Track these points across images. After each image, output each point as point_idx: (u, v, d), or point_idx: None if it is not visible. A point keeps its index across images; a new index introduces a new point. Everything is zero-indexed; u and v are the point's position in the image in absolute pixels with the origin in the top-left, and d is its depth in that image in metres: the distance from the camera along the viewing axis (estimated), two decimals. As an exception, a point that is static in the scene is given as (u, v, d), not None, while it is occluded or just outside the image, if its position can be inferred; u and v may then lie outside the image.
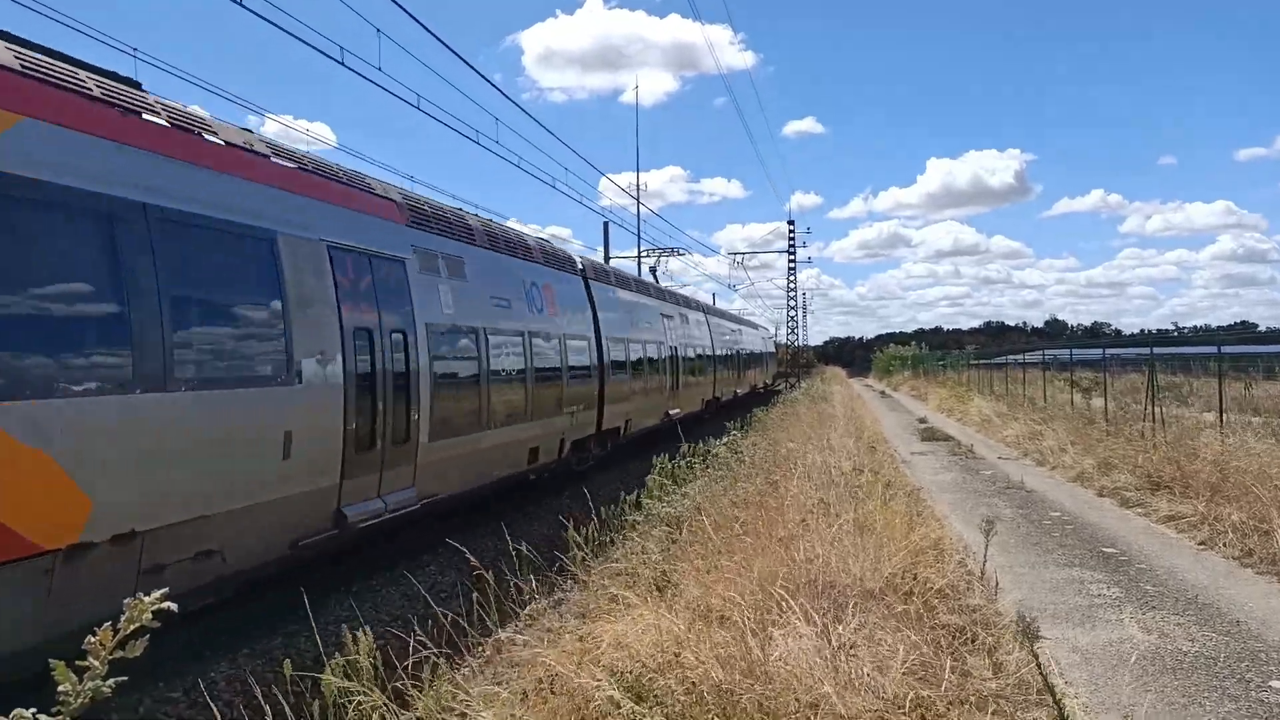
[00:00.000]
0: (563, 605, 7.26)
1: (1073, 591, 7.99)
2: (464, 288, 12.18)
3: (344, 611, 9.01)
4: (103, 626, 1.91)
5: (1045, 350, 34.75)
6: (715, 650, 4.92)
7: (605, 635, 5.41)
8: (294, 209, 8.70)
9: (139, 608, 1.92)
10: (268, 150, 8.85)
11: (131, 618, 1.91)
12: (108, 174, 6.52)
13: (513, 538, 8.04)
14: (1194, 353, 25.40)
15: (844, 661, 4.84)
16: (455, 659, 5.69)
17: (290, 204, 8.67)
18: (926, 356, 72.85)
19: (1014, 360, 35.93)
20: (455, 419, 11.53)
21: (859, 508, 8.93)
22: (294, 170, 9.06)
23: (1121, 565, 8.99)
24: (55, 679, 1.83)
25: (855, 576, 6.51)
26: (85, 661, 1.88)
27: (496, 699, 4.75)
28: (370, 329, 9.55)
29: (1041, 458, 17.57)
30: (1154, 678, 5.78)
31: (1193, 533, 10.21)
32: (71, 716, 1.81)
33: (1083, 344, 36.28)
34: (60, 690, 1.84)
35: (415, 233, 11.21)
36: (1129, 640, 6.55)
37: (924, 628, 5.76)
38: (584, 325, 17.97)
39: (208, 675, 7.42)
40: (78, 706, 1.82)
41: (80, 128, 6.41)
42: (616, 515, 9.78)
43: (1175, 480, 12.18)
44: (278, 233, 8.29)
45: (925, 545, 8.02)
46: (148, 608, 1.93)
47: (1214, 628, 6.84)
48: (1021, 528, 10.95)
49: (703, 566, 6.94)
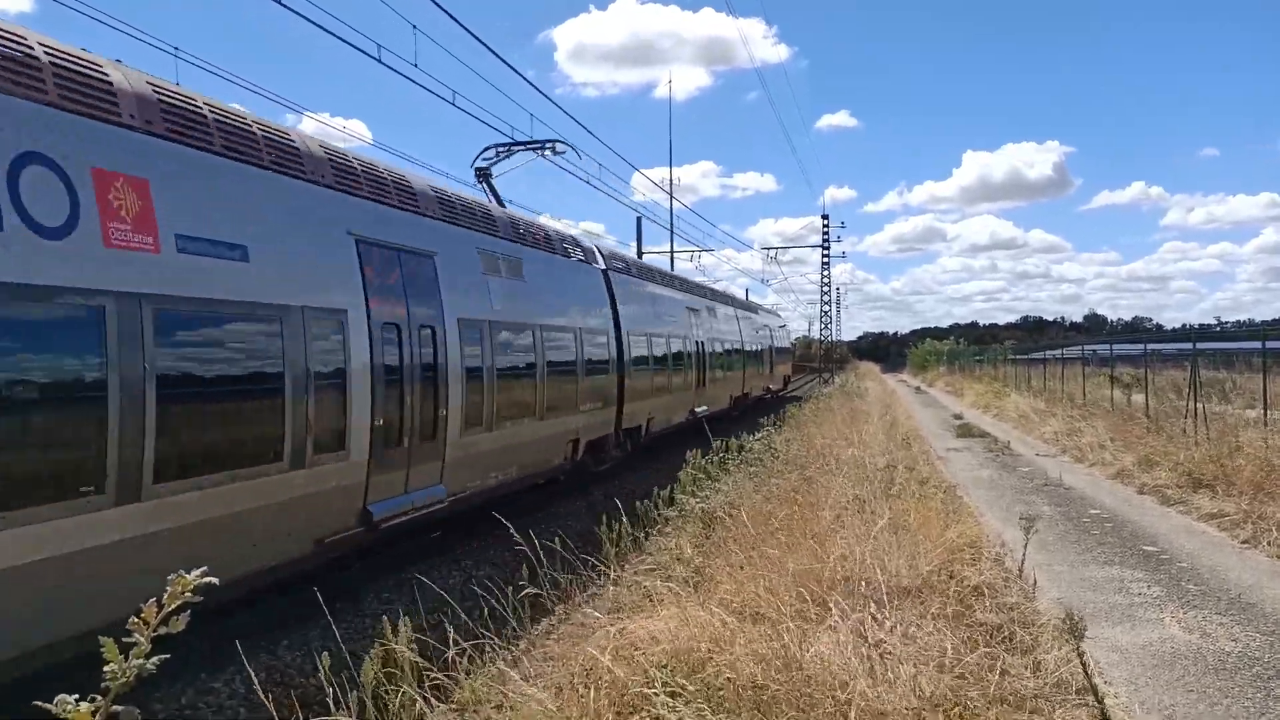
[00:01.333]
0: (596, 600, 7.29)
1: (1112, 590, 7.89)
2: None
3: (381, 605, 9.14)
4: (147, 602, 1.95)
5: (1084, 345, 34.23)
6: (751, 646, 4.92)
7: (640, 630, 5.43)
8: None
9: (182, 583, 1.94)
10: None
11: (174, 594, 1.94)
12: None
13: (544, 534, 8.09)
14: (1237, 348, 24.89)
15: (880, 659, 4.82)
16: (491, 653, 5.74)
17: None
18: (963, 352, 72.10)
19: (1052, 355, 35.44)
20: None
21: (894, 504, 8.89)
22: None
23: (1163, 564, 8.86)
24: (105, 656, 1.86)
25: (891, 574, 6.48)
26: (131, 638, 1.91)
27: (531, 695, 4.79)
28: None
29: (1080, 455, 17.34)
30: (1196, 678, 5.70)
31: (1236, 531, 10.04)
32: (116, 695, 1.84)
33: (1123, 339, 35.68)
34: (106, 669, 1.86)
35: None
36: (1170, 640, 6.46)
37: (961, 626, 5.73)
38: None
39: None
40: (123, 684, 1.84)
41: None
42: (648, 512, 9.80)
43: (1218, 478, 11.98)
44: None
45: (962, 543, 7.97)
46: (190, 584, 1.95)
47: (1258, 628, 6.73)
48: (1060, 525, 10.82)
49: (737, 562, 6.94)
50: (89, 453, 5.90)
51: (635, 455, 19.42)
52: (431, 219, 10.97)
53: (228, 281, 7.19)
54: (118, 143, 6.51)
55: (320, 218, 8.71)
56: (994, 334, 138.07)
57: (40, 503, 5.53)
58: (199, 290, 6.87)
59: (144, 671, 1.87)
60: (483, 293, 11.79)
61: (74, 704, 1.80)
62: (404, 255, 9.97)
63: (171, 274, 6.61)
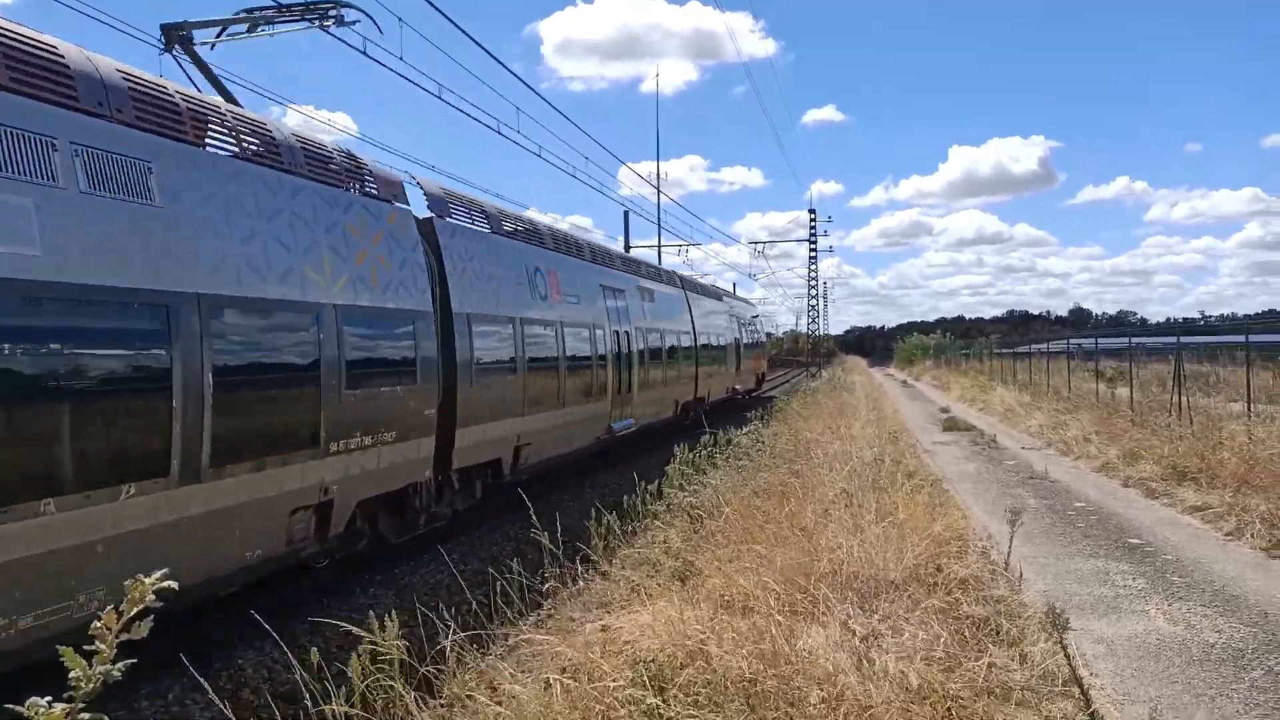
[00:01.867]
0: (584, 595, 7.28)
1: (1098, 582, 7.93)
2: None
3: (368, 599, 9.10)
4: (106, 610, 1.91)
5: (1070, 339, 34.40)
6: (738, 641, 4.92)
7: (627, 625, 5.43)
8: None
9: (139, 588, 1.90)
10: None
11: (134, 599, 1.90)
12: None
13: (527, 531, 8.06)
14: (1221, 341, 25.07)
15: (868, 652, 4.83)
16: (478, 648, 5.73)
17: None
18: (949, 346, 72.37)
19: (1038, 349, 35.62)
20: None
21: (881, 498, 8.91)
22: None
23: (1147, 556, 8.92)
24: (66, 664, 1.83)
25: (878, 567, 6.50)
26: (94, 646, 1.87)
27: (517, 691, 4.77)
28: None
29: (1066, 448, 17.43)
30: (1180, 669, 5.74)
31: (1219, 523, 10.11)
32: (83, 702, 1.81)
33: (1108, 333, 35.86)
34: (71, 676, 1.84)
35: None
36: (1155, 631, 6.50)
37: (948, 619, 5.74)
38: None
39: (235, 662, 7.52)
40: (89, 691, 1.82)
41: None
42: (637, 506, 9.79)
43: (1202, 470, 12.06)
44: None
45: (948, 536, 7.99)
46: (149, 588, 1.91)
47: (1241, 619, 6.78)
48: (1045, 518, 10.88)
49: (724, 556, 6.94)
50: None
51: (485, 508, 13.07)
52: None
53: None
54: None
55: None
56: (980, 328, 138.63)
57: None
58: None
59: (110, 678, 1.85)
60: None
61: (46, 706, 1.78)
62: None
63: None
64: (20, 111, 5.92)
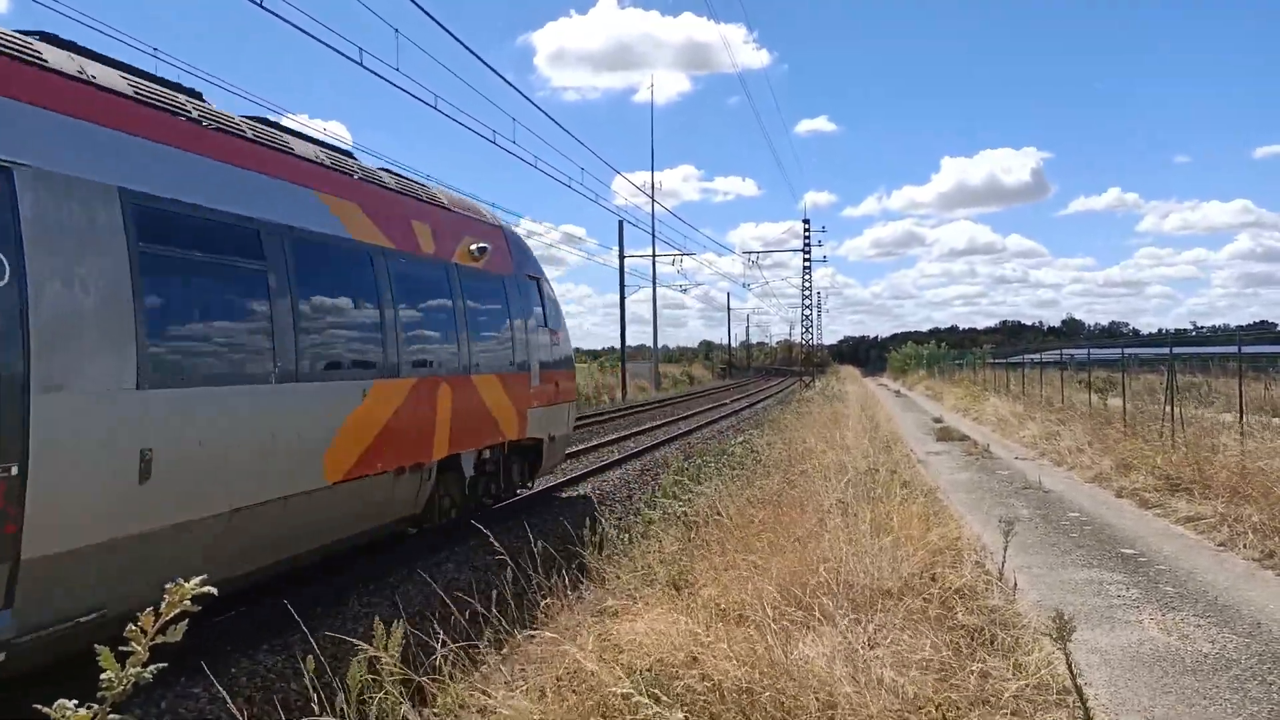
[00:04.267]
0: (580, 603, 7.28)
1: (1091, 592, 7.95)
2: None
3: (364, 607, 9.08)
4: (144, 611, 1.92)
5: (1063, 350, 34.50)
6: (734, 650, 4.93)
7: (623, 633, 5.43)
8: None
9: (179, 591, 1.92)
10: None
11: (173, 602, 1.92)
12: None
13: (531, 535, 8.06)
14: (1213, 352, 25.18)
15: (863, 661, 4.84)
16: (475, 654, 5.72)
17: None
18: (942, 356, 72.55)
19: (1030, 360, 35.72)
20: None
21: (876, 507, 8.93)
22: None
23: (1141, 566, 8.95)
24: (101, 665, 1.84)
25: (873, 576, 6.51)
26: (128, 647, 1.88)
27: (513, 697, 4.77)
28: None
29: (1059, 458, 17.48)
30: (1174, 679, 5.76)
31: (1212, 534, 10.14)
32: (113, 704, 1.82)
33: (1101, 343, 35.99)
34: (103, 677, 1.84)
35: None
36: (1148, 641, 6.52)
37: (943, 628, 5.76)
38: None
39: (229, 670, 7.48)
40: (119, 693, 1.83)
41: None
42: (632, 515, 9.81)
43: (1194, 481, 12.10)
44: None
45: (943, 545, 8.01)
46: (188, 592, 1.93)
47: (1234, 629, 6.80)
48: (1039, 528, 10.90)
49: (720, 565, 6.95)
50: None
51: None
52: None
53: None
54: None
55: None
56: (973, 338, 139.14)
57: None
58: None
59: (141, 680, 1.86)
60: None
61: (73, 709, 1.79)
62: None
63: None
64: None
